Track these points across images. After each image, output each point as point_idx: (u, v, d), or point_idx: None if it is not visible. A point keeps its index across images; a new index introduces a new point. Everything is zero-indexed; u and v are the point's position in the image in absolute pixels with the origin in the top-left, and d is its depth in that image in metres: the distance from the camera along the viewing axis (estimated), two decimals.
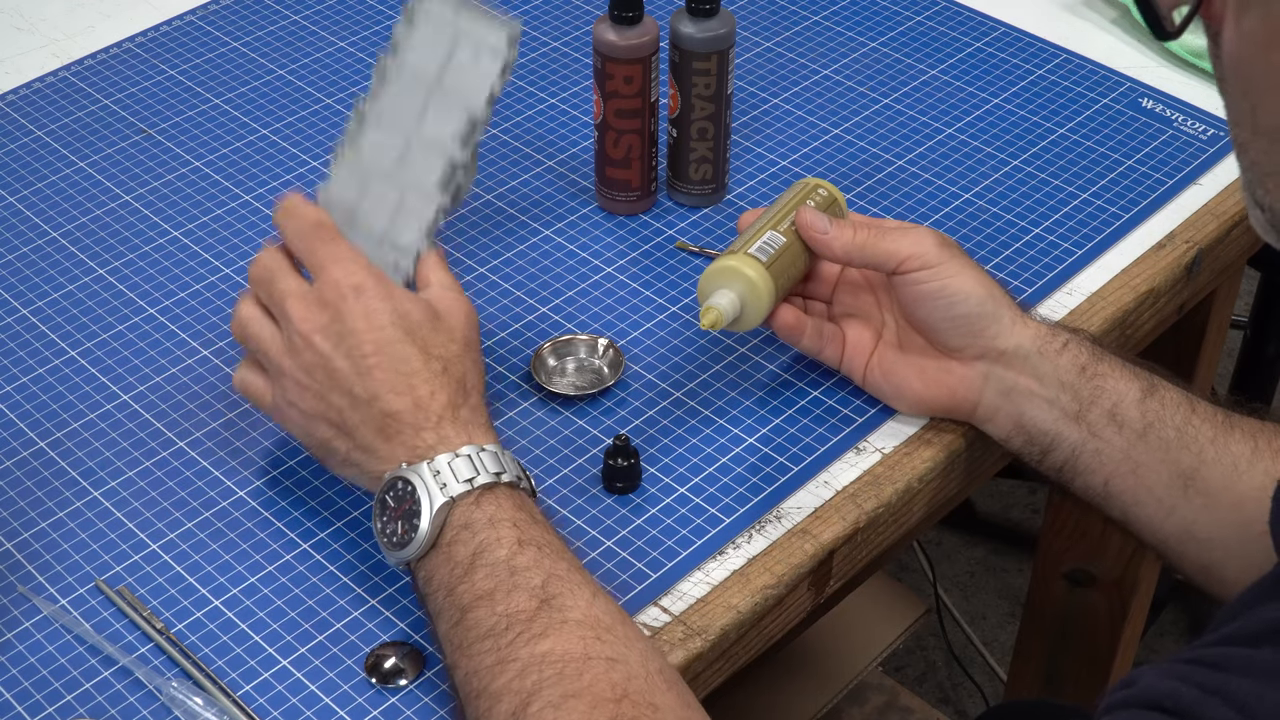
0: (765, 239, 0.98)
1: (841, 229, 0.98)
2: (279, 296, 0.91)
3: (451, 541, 0.84)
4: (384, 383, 0.88)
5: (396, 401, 0.88)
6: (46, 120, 1.31)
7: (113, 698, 0.87)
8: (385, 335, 0.89)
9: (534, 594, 0.81)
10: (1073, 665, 1.66)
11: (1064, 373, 0.95)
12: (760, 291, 0.96)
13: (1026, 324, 0.96)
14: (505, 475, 0.86)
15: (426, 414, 0.88)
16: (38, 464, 1.00)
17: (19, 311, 1.12)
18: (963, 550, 2.27)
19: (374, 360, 0.88)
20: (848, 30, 1.41)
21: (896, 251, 0.96)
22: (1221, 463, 0.93)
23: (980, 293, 0.96)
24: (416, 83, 0.98)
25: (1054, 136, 1.27)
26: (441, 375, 0.89)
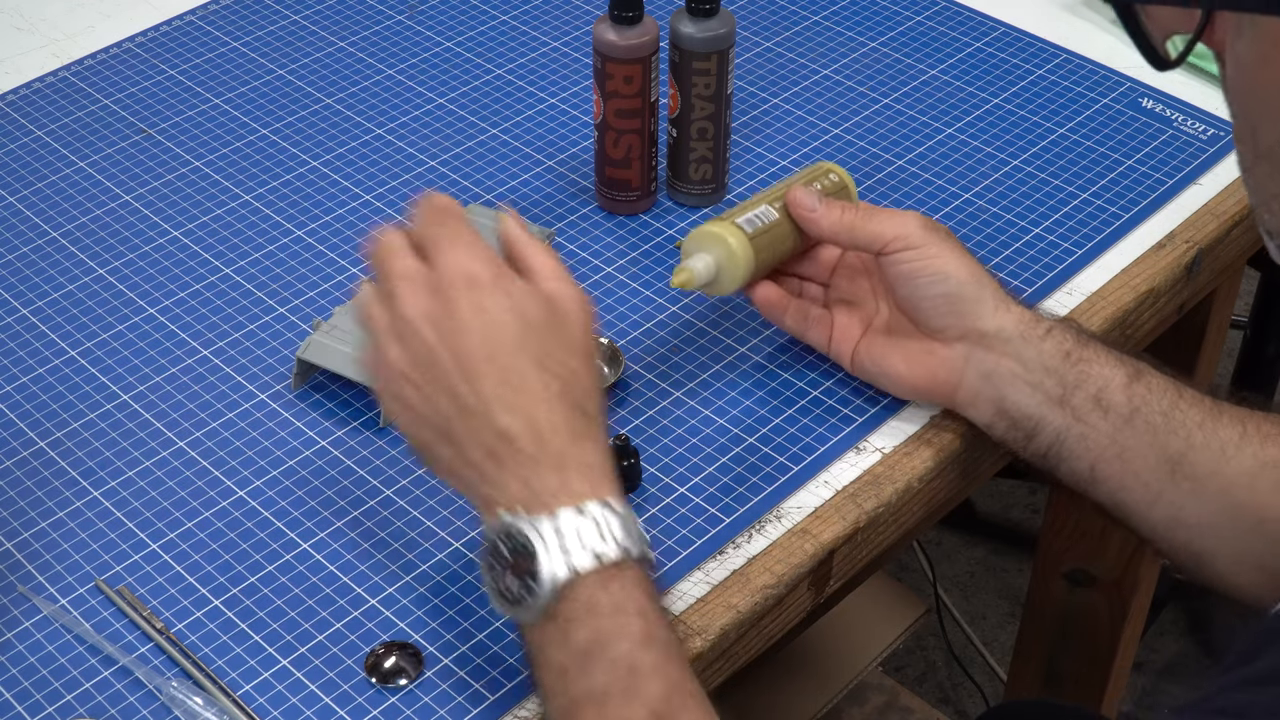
0: (757, 212, 1.00)
1: (830, 209, 0.99)
2: (389, 276, 0.83)
3: (570, 619, 0.76)
4: (497, 397, 0.79)
5: (511, 422, 0.79)
6: (46, 120, 1.31)
7: (113, 697, 0.87)
8: (499, 339, 0.80)
9: (653, 707, 0.75)
10: (1073, 665, 1.66)
11: (1048, 357, 0.95)
12: (738, 260, 0.98)
13: (1010, 308, 0.97)
14: (634, 550, 0.78)
15: (545, 447, 0.79)
16: (38, 464, 1.00)
17: (19, 311, 1.12)
18: (963, 550, 2.27)
19: (485, 368, 0.80)
20: (848, 30, 1.41)
21: (882, 232, 0.97)
22: (1210, 447, 0.93)
23: (962, 273, 0.96)
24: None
25: (1054, 136, 1.27)
26: (560, 399, 0.80)
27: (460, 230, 0.83)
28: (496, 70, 1.36)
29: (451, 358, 0.80)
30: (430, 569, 0.94)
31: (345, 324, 1.04)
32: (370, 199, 1.22)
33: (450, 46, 1.39)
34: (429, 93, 1.33)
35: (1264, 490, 0.92)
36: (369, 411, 1.04)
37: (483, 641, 0.90)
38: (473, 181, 1.23)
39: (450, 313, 0.81)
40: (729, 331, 1.09)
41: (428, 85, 1.34)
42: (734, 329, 1.10)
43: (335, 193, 1.22)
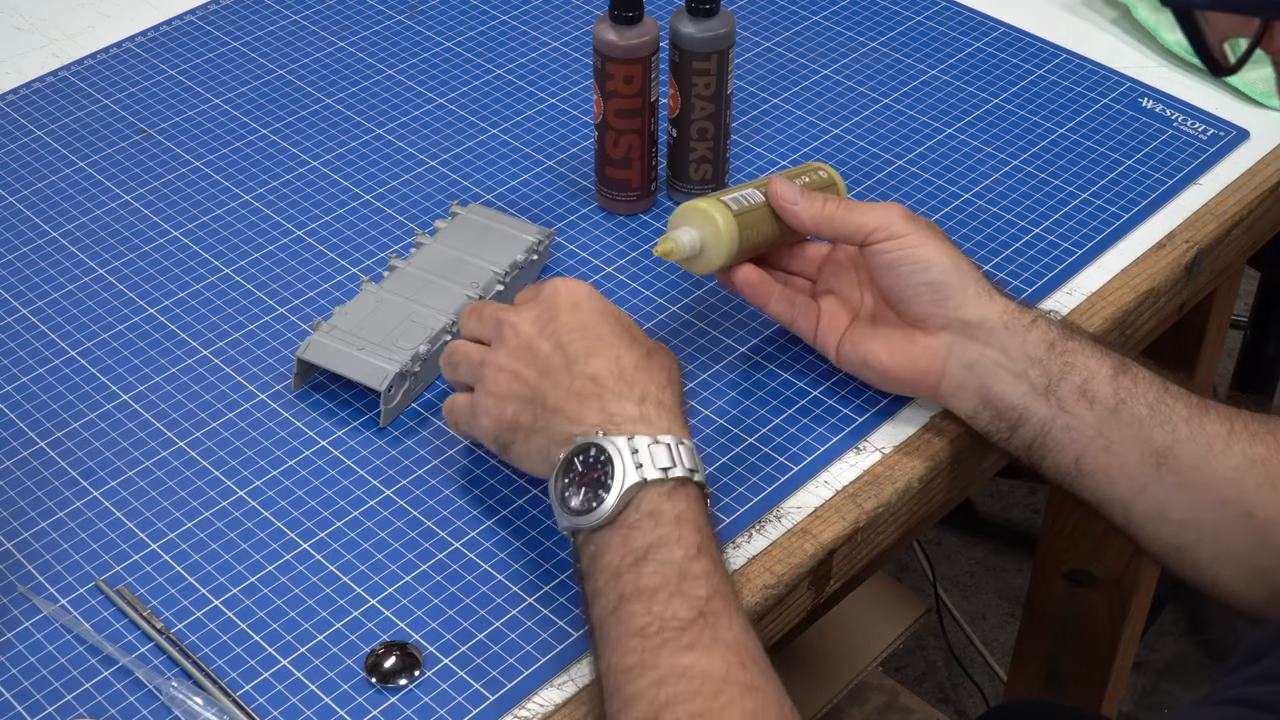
0: (743, 193, 1.01)
1: (810, 200, 0.99)
2: (493, 315, 0.94)
3: (633, 525, 0.82)
4: (586, 349, 0.88)
5: (599, 365, 0.87)
6: (46, 120, 1.31)
7: (113, 697, 0.87)
8: (591, 317, 0.90)
9: (695, 605, 0.79)
10: (1073, 665, 1.66)
11: (1032, 347, 0.95)
12: (722, 236, 0.98)
13: (994, 298, 0.96)
14: (698, 474, 0.85)
15: (630, 385, 0.87)
16: (38, 464, 1.00)
17: (19, 311, 1.12)
18: (963, 550, 2.27)
19: (576, 335, 0.89)
20: (847, 30, 1.41)
21: (864, 223, 0.97)
22: (1196, 441, 0.93)
23: (944, 262, 0.96)
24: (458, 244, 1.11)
25: (1054, 136, 1.27)
26: (646, 358, 0.89)
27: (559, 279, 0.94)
28: (496, 70, 1.36)
29: (549, 341, 0.89)
30: (430, 569, 0.94)
31: (345, 324, 1.04)
32: (370, 199, 1.22)
33: (450, 46, 1.39)
34: (429, 93, 1.33)
35: (1250, 487, 0.91)
36: (369, 412, 1.04)
37: (483, 641, 0.90)
38: (473, 181, 1.23)
39: (552, 312, 0.91)
40: (729, 331, 1.09)
41: (428, 85, 1.34)
42: (734, 329, 1.10)
43: (335, 193, 1.22)
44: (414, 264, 1.09)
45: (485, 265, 1.09)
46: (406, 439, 1.02)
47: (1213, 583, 0.95)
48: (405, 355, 1.02)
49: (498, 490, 0.98)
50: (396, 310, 1.06)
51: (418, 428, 1.03)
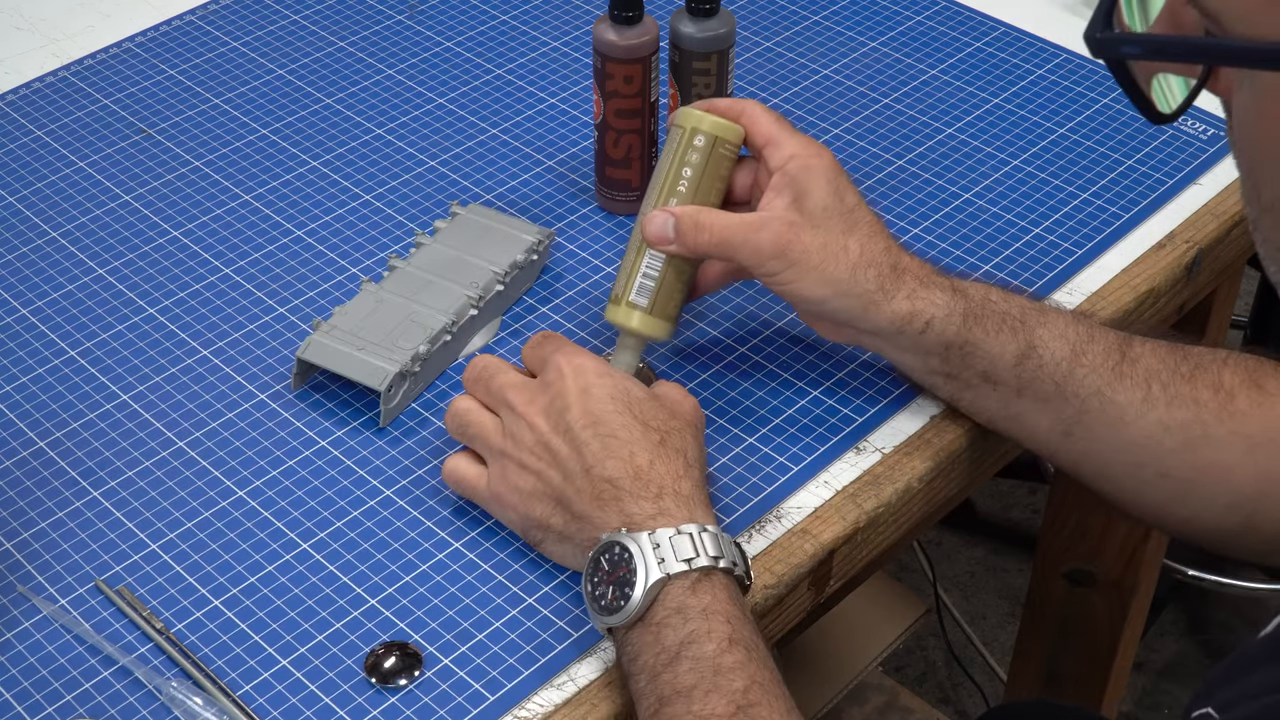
0: (644, 268, 0.98)
1: (683, 236, 0.96)
2: (499, 388, 0.93)
3: (661, 623, 0.82)
4: (600, 452, 0.88)
5: (614, 468, 0.87)
6: (46, 120, 1.31)
7: (112, 698, 0.87)
8: (602, 407, 0.89)
9: (733, 699, 0.79)
10: (1073, 665, 1.66)
11: (928, 347, 0.96)
12: (655, 333, 0.99)
13: (880, 309, 0.95)
14: (723, 560, 0.84)
15: (646, 484, 0.87)
16: (37, 464, 1.00)
17: (19, 311, 1.12)
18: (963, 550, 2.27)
19: (590, 432, 0.88)
20: (848, 30, 1.41)
21: (736, 258, 0.96)
22: (1105, 413, 0.94)
23: (822, 294, 0.95)
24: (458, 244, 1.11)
25: (1054, 136, 1.27)
26: (660, 446, 0.88)
27: (564, 341, 0.94)
28: (496, 70, 1.36)
29: (564, 438, 0.89)
30: (430, 569, 0.94)
31: (345, 324, 1.04)
32: (370, 199, 1.22)
33: (450, 46, 1.39)
34: (429, 93, 1.33)
35: (1164, 453, 0.94)
36: (369, 412, 1.04)
37: (482, 642, 0.90)
38: (472, 181, 1.23)
39: (560, 400, 0.90)
40: (729, 331, 1.09)
41: (428, 85, 1.34)
42: (734, 329, 1.10)
43: (335, 193, 1.22)
44: (414, 264, 1.09)
45: (485, 265, 1.09)
46: (406, 439, 1.02)
47: (1141, 519, 1.01)
48: (405, 355, 1.02)
49: None
50: (396, 310, 1.06)
51: (417, 428, 1.03)
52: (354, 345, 1.03)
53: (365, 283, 1.08)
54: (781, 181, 0.96)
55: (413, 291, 1.07)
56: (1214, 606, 2.17)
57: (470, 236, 1.11)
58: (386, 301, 1.06)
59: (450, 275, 1.08)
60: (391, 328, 1.04)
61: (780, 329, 1.09)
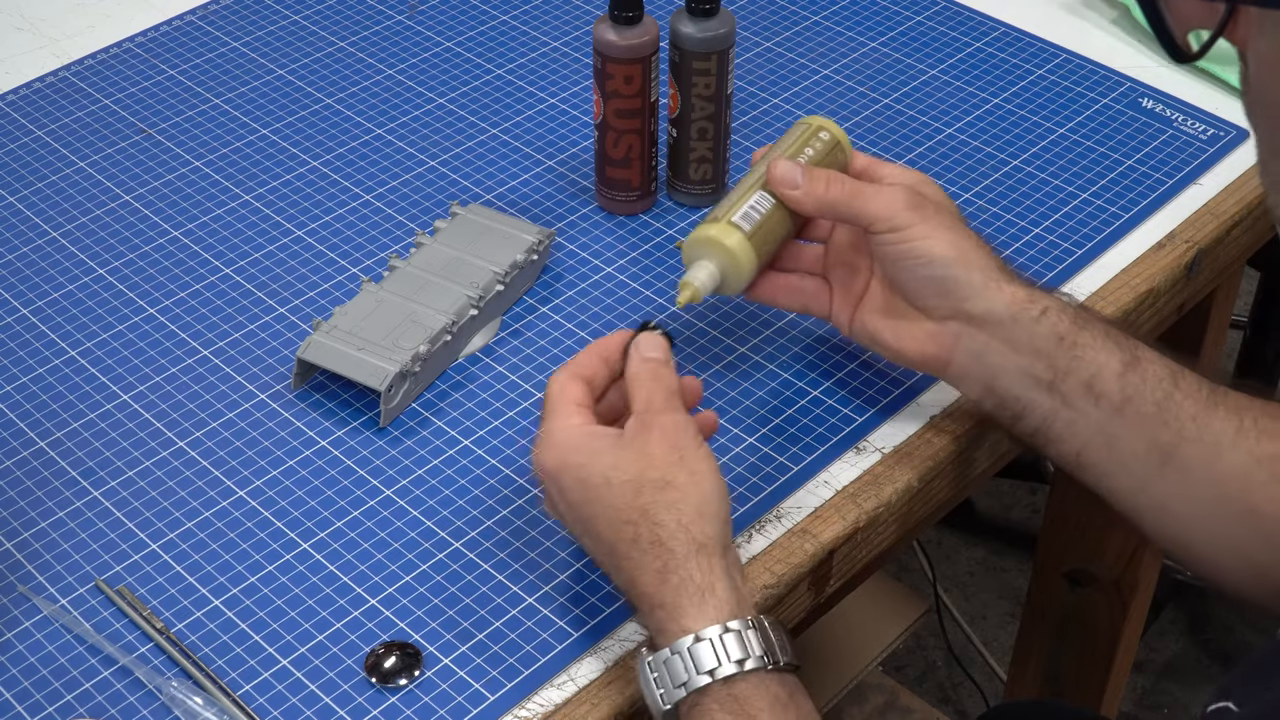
0: (752, 202, 0.97)
1: (813, 184, 0.96)
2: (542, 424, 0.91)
3: None
4: (603, 562, 0.88)
5: (618, 579, 0.87)
6: (46, 120, 1.31)
7: (113, 697, 0.87)
8: (580, 513, 0.87)
9: None
10: (1073, 665, 1.66)
11: (1040, 340, 0.93)
12: (740, 263, 0.96)
13: (1001, 288, 0.93)
14: (743, 661, 0.80)
15: (640, 599, 0.85)
16: (38, 464, 1.00)
17: (19, 311, 1.12)
18: (963, 550, 2.27)
19: (586, 540, 0.88)
20: (847, 30, 1.41)
21: (865, 212, 0.95)
22: (1202, 440, 0.91)
23: (949, 255, 0.93)
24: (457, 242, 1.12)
25: (1054, 136, 1.27)
26: (633, 546, 0.84)
27: (543, 429, 0.89)
28: (496, 70, 1.36)
29: (574, 536, 0.91)
30: (430, 569, 0.94)
31: (345, 324, 1.04)
32: (370, 199, 1.22)
33: (450, 46, 1.39)
34: (429, 93, 1.33)
35: (1255, 485, 0.90)
36: (369, 412, 1.04)
37: (482, 641, 0.90)
38: (473, 181, 1.23)
39: (552, 505, 0.90)
40: (729, 331, 1.10)
41: (428, 85, 1.34)
42: (734, 329, 1.10)
43: (335, 193, 1.23)
44: (414, 264, 1.09)
45: (485, 265, 1.09)
46: (406, 439, 1.02)
47: (1216, 576, 0.94)
48: (405, 355, 1.02)
49: (498, 490, 0.99)
50: (397, 310, 1.06)
51: (418, 428, 1.03)
52: (354, 345, 1.03)
53: (365, 283, 1.08)
54: (894, 183, 0.97)
55: (413, 291, 1.07)
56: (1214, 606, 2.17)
57: (470, 236, 1.11)
58: (387, 301, 1.06)
59: (450, 275, 1.08)
60: (392, 328, 1.04)
61: (780, 328, 1.09)
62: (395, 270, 1.09)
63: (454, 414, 1.04)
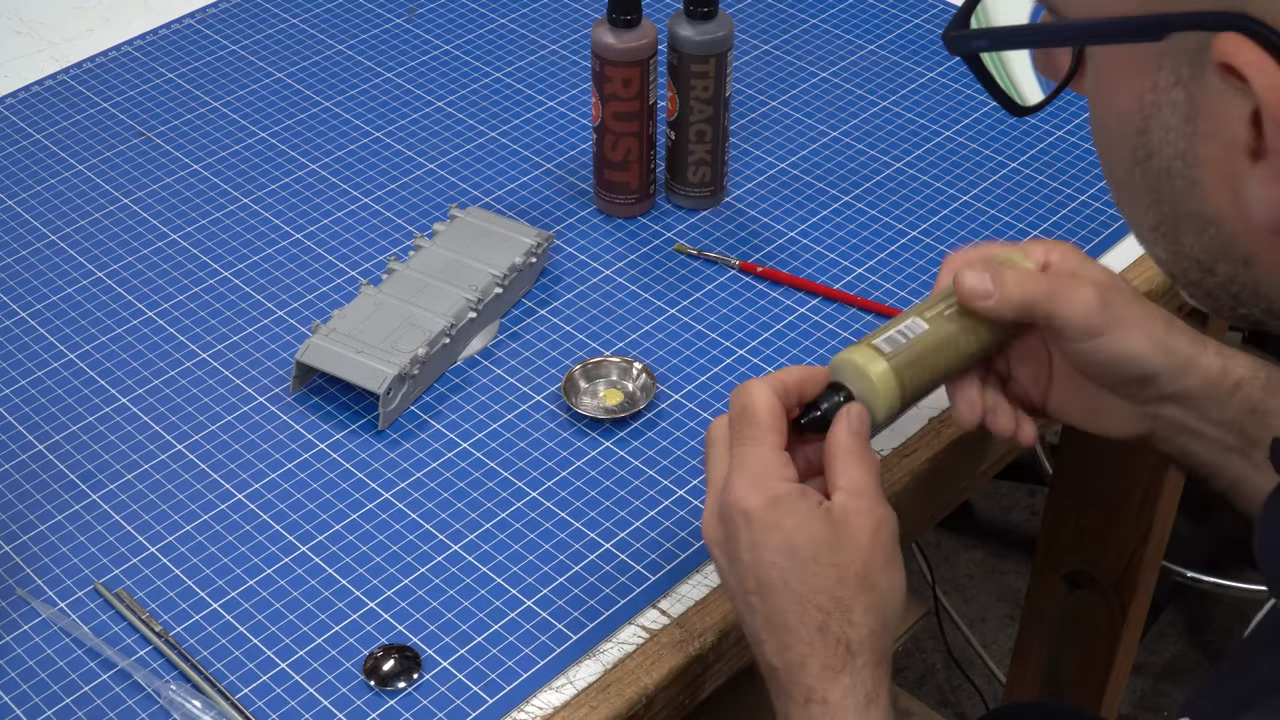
0: (902, 326, 0.87)
1: (1006, 288, 0.87)
2: (710, 480, 0.85)
3: None
4: (762, 629, 0.81)
5: (772, 653, 0.81)
6: (45, 123, 1.31)
7: (111, 700, 0.87)
8: (765, 575, 0.80)
9: None
10: (1072, 667, 1.66)
11: (1232, 412, 0.90)
12: (877, 390, 0.84)
13: (1196, 365, 0.90)
14: None
15: (797, 684, 0.80)
16: (36, 467, 1.00)
17: (17, 314, 1.12)
18: (962, 552, 2.27)
19: (754, 601, 0.81)
20: (846, 33, 1.41)
21: (1060, 315, 0.87)
22: None
23: (1146, 349, 0.88)
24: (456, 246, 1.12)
25: (1052, 139, 1.27)
26: (817, 635, 0.79)
27: (744, 448, 0.82)
28: (495, 73, 1.36)
29: (736, 585, 0.82)
30: (428, 572, 0.94)
31: (344, 327, 1.05)
32: (369, 202, 1.22)
33: (449, 50, 1.39)
34: (427, 96, 1.33)
35: None
36: (367, 415, 1.04)
37: (481, 644, 0.90)
38: (471, 184, 1.23)
39: (732, 543, 0.81)
40: (727, 334, 1.10)
41: (426, 88, 1.34)
42: (732, 331, 1.10)
43: (334, 196, 1.23)
44: (413, 267, 1.09)
45: (484, 268, 1.09)
46: (405, 442, 1.02)
47: None
48: (404, 358, 1.02)
49: (496, 493, 0.99)
50: (395, 313, 1.06)
51: (416, 430, 1.03)
52: (353, 348, 1.03)
53: (364, 285, 1.08)
54: (1059, 268, 0.90)
55: (411, 294, 1.07)
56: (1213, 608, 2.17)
57: (469, 239, 1.11)
58: (385, 304, 1.06)
59: (449, 278, 1.08)
60: (390, 330, 1.04)
61: (779, 331, 1.09)
62: (394, 273, 1.09)
63: (453, 416, 1.04)
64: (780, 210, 1.20)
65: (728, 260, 1.15)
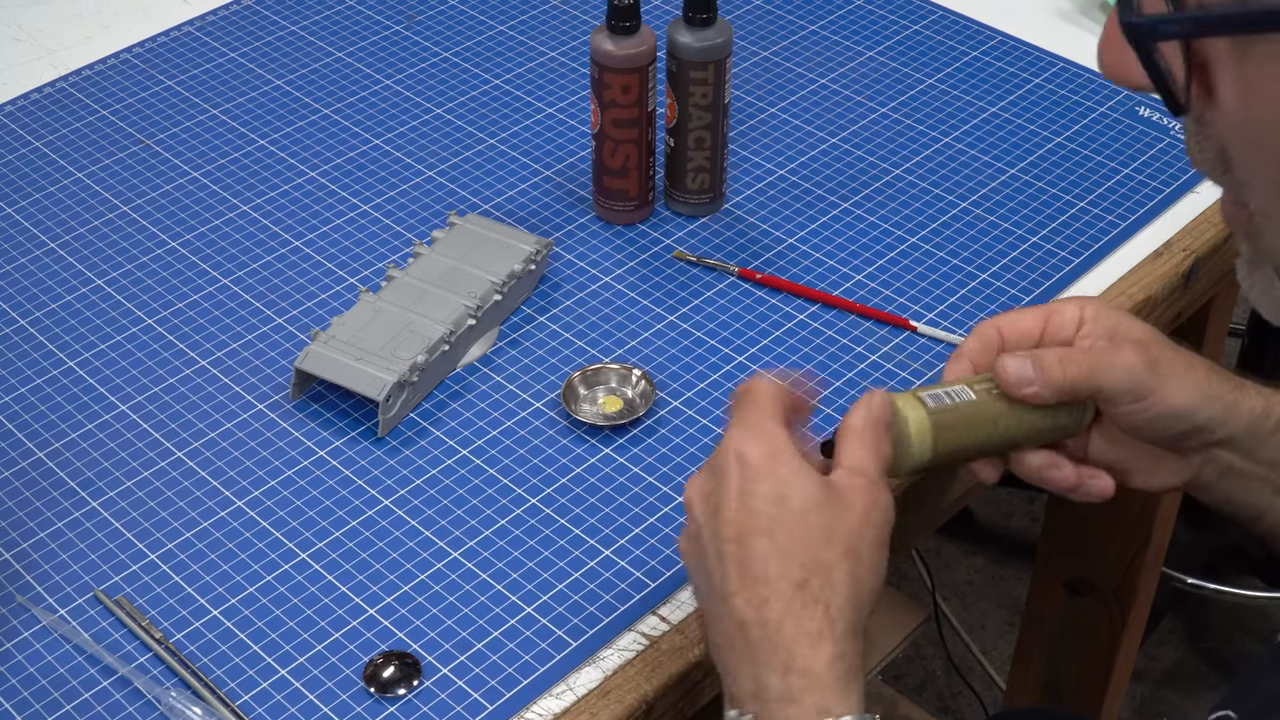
0: (953, 389, 0.86)
1: (1048, 373, 0.86)
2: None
3: None
4: (735, 583, 0.77)
5: (747, 611, 0.77)
6: (44, 131, 1.31)
7: (112, 707, 0.87)
8: (751, 521, 0.78)
9: None
10: (1072, 674, 1.66)
11: (1275, 450, 0.90)
12: (910, 435, 0.84)
13: (1239, 409, 0.89)
14: None
15: (775, 647, 0.76)
16: (36, 474, 1.00)
17: (17, 322, 1.12)
18: (962, 559, 2.27)
19: (732, 548, 0.78)
20: (845, 39, 1.41)
21: (1104, 387, 0.86)
22: None
23: (1195, 402, 0.87)
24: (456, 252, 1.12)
25: (1051, 145, 1.27)
26: (797, 591, 0.76)
27: (747, 411, 0.81)
28: (494, 80, 1.36)
29: (712, 541, 0.79)
30: (428, 579, 0.94)
31: (343, 334, 1.05)
32: (368, 209, 1.22)
33: (448, 57, 1.39)
34: (427, 103, 1.33)
35: None
36: (367, 422, 1.04)
37: (481, 651, 0.90)
38: (470, 191, 1.23)
39: (719, 491, 0.79)
40: (727, 341, 1.10)
41: (425, 95, 1.34)
42: (732, 338, 1.10)
43: (333, 203, 1.23)
44: (412, 274, 1.09)
45: (483, 275, 1.09)
46: (404, 449, 1.02)
47: None
48: (403, 365, 1.02)
49: (496, 500, 0.99)
50: (394, 320, 1.06)
51: (415, 437, 1.03)
52: (352, 355, 1.03)
53: (363, 293, 1.08)
54: (1094, 328, 0.90)
55: (411, 301, 1.07)
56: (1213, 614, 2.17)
57: (468, 246, 1.12)
58: (384, 311, 1.06)
59: (448, 285, 1.08)
60: (389, 338, 1.04)
61: (778, 338, 1.09)
62: (393, 280, 1.09)
63: (452, 424, 1.04)
64: (779, 217, 1.20)
65: (727, 267, 1.15)
